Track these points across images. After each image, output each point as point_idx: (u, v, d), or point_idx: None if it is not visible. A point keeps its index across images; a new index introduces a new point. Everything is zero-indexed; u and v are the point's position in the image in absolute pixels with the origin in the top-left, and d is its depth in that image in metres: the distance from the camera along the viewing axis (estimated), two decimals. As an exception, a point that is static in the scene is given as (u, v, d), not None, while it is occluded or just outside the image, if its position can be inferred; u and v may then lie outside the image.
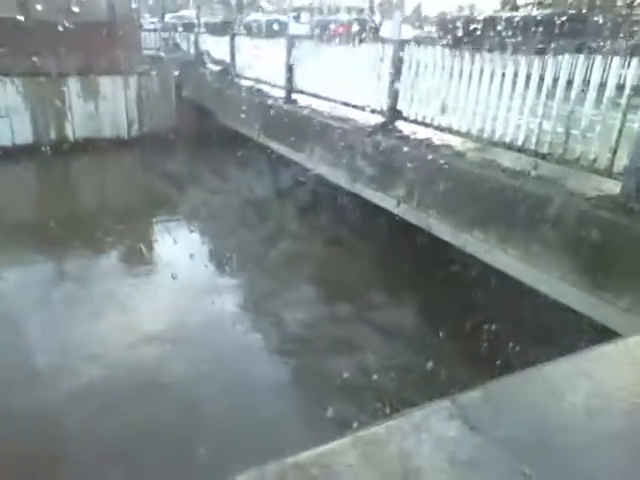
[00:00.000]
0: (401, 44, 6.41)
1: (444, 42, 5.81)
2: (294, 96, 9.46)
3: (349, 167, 7.26)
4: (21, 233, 9.12)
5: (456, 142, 5.82)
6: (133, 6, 14.10)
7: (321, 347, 6.04)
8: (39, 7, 12.83)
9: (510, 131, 5.12)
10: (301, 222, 9.36)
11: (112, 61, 13.36)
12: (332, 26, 8.98)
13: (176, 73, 14.44)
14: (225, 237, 9.51)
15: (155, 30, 17.97)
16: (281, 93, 9.88)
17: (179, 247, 9.14)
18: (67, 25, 12.73)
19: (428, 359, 4.81)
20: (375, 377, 4.95)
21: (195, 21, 18.33)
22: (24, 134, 12.92)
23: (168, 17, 27.67)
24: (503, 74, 5.14)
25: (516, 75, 5.04)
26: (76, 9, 13.04)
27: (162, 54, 15.29)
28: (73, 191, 12.44)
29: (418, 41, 6.54)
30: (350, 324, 6.44)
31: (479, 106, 5.44)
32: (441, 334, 5.35)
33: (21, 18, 12.66)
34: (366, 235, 8.00)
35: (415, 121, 6.42)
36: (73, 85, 13.17)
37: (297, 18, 10.20)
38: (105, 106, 13.75)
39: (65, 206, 10.83)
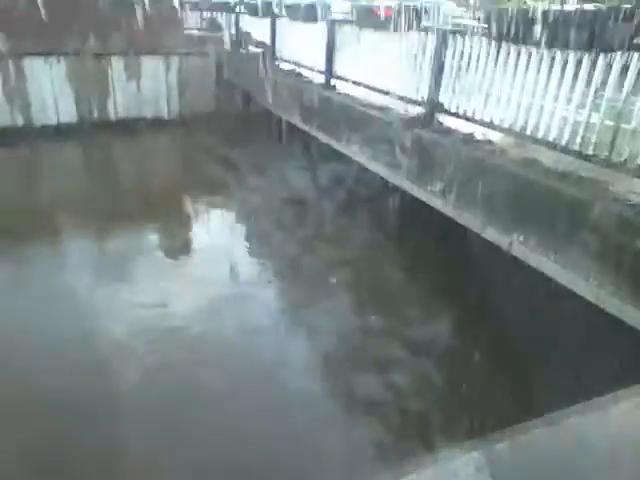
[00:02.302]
0: (444, 34, 6.25)
1: (491, 33, 5.58)
2: (333, 82, 9.39)
3: (386, 157, 7.21)
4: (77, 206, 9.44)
5: (498, 138, 5.69)
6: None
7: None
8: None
9: (555, 129, 4.97)
10: (335, 209, 9.37)
11: (155, 41, 13.48)
12: (374, 9, 8.80)
13: (217, 54, 14.47)
14: (261, 218, 9.61)
15: (197, 8, 17.99)
16: (320, 78, 9.81)
17: (215, 228, 9.36)
18: (112, 5, 12.95)
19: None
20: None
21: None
22: (68, 113, 13.24)
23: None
24: (549, 69, 4.98)
25: (563, 70, 4.88)
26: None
27: (203, 34, 15.30)
28: (116, 168, 12.68)
29: (462, 31, 6.32)
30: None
31: (523, 102, 5.29)
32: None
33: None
34: (399, 227, 7.95)
35: (456, 114, 6.30)
36: (116, 65, 13.37)
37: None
38: (146, 86, 13.93)
39: (111, 182, 11.15)
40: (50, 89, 12.93)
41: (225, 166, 11.72)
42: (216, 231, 9.37)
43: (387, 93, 7.69)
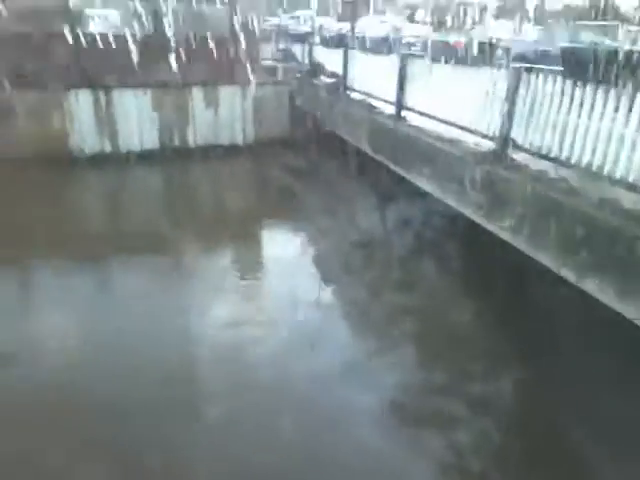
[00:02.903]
0: (518, 71, 6.22)
1: (568, 72, 5.52)
2: (403, 113, 9.49)
3: (455, 190, 7.20)
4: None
5: (572, 176, 5.57)
6: (255, 22, 14.80)
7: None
8: (170, 23, 13.99)
9: (636, 170, 4.82)
10: (403, 241, 9.36)
11: (232, 72, 14.17)
12: (452, 43, 8.98)
13: (291, 83, 14.98)
14: (331, 240, 9.76)
15: (272, 38, 18.74)
16: (390, 109, 9.95)
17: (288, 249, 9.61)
18: (194, 39, 13.77)
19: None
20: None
21: (309, 29, 18.86)
22: (151, 140, 14.11)
23: (285, 18, 28.64)
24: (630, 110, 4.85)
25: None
26: (202, 24, 14.04)
27: (278, 65, 15.90)
28: (195, 191, 13.30)
29: (536, 69, 6.27)
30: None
31: (600, 142, 5.17)
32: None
33: (153, 33, 13.84)
34: (470, 264, 7.80)
35: (528, 150, 6.22)
36: (196, 95, 14.13)
37: (411, 44, 10.19)
38: (223, 114, 14.61)
39: (192, 203, 11.78)
40: (136, 118, 13.84)
41: (296, 189, 12.08)
42: (282, 263, 9.31)
43: (458, 126, 7.71)
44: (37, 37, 12.48)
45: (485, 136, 7.04)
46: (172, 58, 13.50)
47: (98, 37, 13.36)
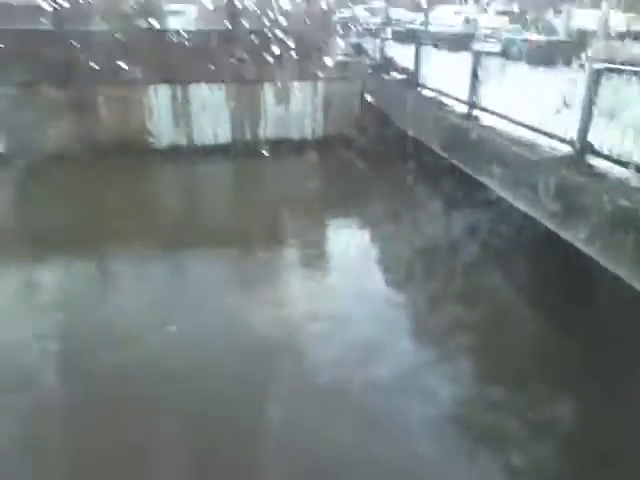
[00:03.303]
0: (598, 73, 5.96)
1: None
2: (476, 112, 9.31)
3: (528, 194, 7.01)
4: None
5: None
6: (328, 16, 14.89)
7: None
8: (245, 18, 14.33)
9: None
10: (472, 239, 9.17)
11: (305, 68, 14.33)
12: (520, 43, 8.64)
13: (360, 79, 14.98)
14: (391, 250, 9.72)
15: (344, 32, 18.74)
16: (463, 108, 9.78)
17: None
18: (270, 34, 14.04)
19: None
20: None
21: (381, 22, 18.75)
22: (225, 134, 14.55)
23: (359, 10, 28.58)
24: None
25: None
26: (280, 19, 14.29)
27: (349, 59, 15.91)
28: (264, 183, 13.60)
29: (619, 70, 5.97)
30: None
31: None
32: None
33: (229, 29, 14.21)
34: (541, 274, 7.50)
35: (608, 157, 5.97)
36: (268, 90, 14.42)
37: (487, 36, 9.86)
38: (294, 109, 14.81)
39: (261, 194, 12.14)
40: (210, 112, 14.31)
41: (361, 187, 12.13)
42: (345, 268, 9.19)
43: (533, 129, 7.49)
44: (118, 34, 13.13)
45: (562, 140, 6.81)
46: (246, 54, 13.83)
47: (176, 33, 13.90)
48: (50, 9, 13.16)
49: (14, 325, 6.88)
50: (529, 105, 7.56)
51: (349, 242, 10.20)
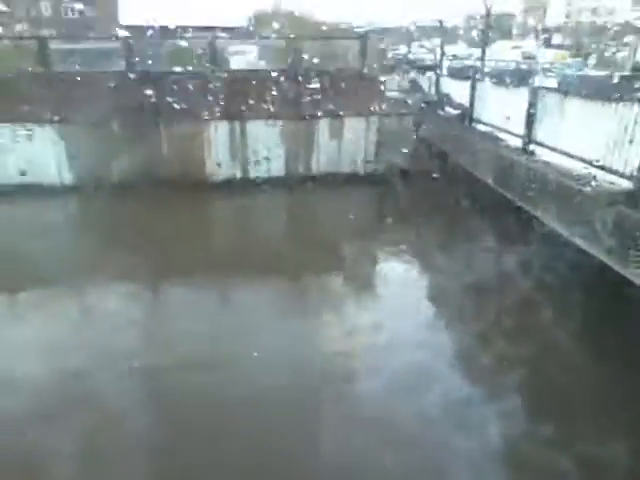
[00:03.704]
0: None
1: None
2: (532, 147, 9.14)
3: (585, 230, 6.77)
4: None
5: None
6: (383, 54, 15.17)
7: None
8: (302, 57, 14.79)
9: None
10: (526, 276, 8.88)
11: (358, 104, 14.57)
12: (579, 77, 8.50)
13: (414, 114, 15.07)
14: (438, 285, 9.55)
15: (399, 68, 19.02)
16: (517, 142, 9.64)
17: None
18: (324, 73, 14.42)
19: None
20: None
21: (434, 60, 18.86)
22: (279, 168, 14.91)
23: (415, 45, 28.93)
24: None
25: None
26: (334, 58, 14.69)
27: (404, 95, 16.08)
28: (313, 216, 13.81)
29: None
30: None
31: None
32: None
33: (287, 68, 14.66)
34: (597, 311, 7.18)
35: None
36: (323, 126, 14.72)
37: (545, 70, 9.73)
38: (347, 144, 15.02)
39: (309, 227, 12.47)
40: (265, 147, 14.73)
41: (413, 221, 12.10)
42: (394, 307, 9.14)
43: (590, 163, 7.27)
44: (184, 74, 13.86)
45: (622, 175, 6.57)
46: (303, 91, 14.23)
47: (237, 73, 14.53)
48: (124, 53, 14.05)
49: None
50: (587, 139, 7.37)
51: (393, 280, 10.14)
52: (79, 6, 41.27)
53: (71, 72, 13.53)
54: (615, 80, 8.00)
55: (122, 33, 14.50)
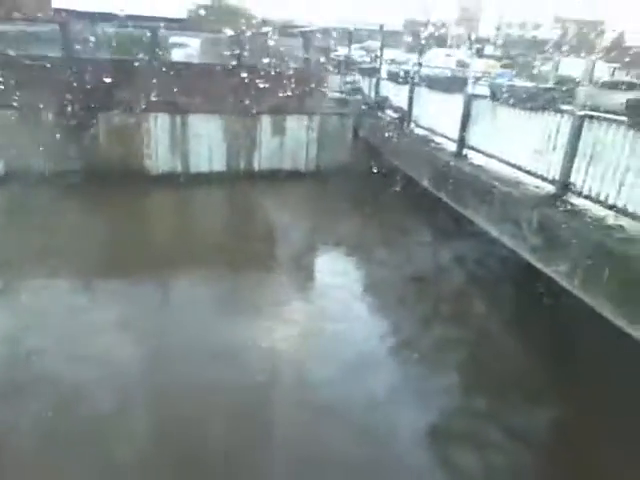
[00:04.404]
0: (581, 119, 6.35)
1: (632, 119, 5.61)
2: (465, 151, 9.70)
3: (512, 230, 7.31)
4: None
5: (630, 226, 5.62)
6: (324, 54, 15.46)
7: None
8: (244, 53, 14.82)
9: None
10: (456, 271, 9.45)
11: (300, 102, 14.79)
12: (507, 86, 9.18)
13: (354, 115, 15.46)
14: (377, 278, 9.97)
15: (340, 70, 19.40)
16: (452, 146, 10.18)
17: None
18: (267, 70, 14.51)
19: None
20: None
21: (375, 61, 19.36)
22: (220, 163, 14.85)
23: (354, 47, 29.43)
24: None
25: None
26: (276, 56, 14.81)
27: (345, 96, 16.43)
28: (255, 209, 13.92)
29: (600, 117, 6.34)
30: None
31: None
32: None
33: (229, 63, 14.65)
34: (523, 308, 7.81)
35: (588, 196, 6.30)
36: (264, 123, 14.82)
37: (477, 79, 10.32)
38: (289, 142, 15.21)
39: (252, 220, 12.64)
40: (206, 142, 14.64)
41: (351, 218, 12.46)
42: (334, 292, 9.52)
43: (518, 168, 7.86)
44: (124, 63, 13.55)
45: (545, 179, 7.17)
46: (245, 87, 14.27)
47: (179, 65, 14.35)
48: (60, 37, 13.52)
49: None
50: (515, 145, 7.96)
51: (335, 269, 10.48)
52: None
53: (1, 54, 12.89)
54: (540, 91, 8.62)
55: (59, 16, 13.95)
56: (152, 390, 6.29)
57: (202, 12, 25.53)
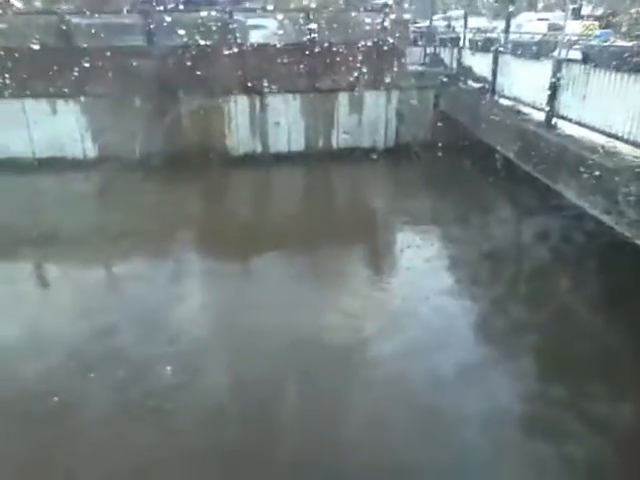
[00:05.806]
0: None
1: None
2: (554, 121, 9.00)
3: (605, 203, 6.72)
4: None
5: None
6: (403, 26, 14.94)
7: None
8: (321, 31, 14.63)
9: None
10: (545, 246, 8.91)
11: (379, 77, 14.44)
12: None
13: (435, 87, 14.88)
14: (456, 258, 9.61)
15: (421, 41, 18.73)
16: (540, 116, 9.49)
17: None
18: (343, 46, 14.27)
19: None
20: None
21: (458, 31, 18.47)
22: (298, 142, 14.91)
23: (438, 17, 28.31)
24: None
25: None
26: (352, 30, 14.51)
27: (425, 69, 15.84)
28: (334, 189, 13.96)
29: None
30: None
31: None
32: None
33: (306, 42, 14.52)
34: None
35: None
36: (342, 100, 14.64)
37: (572, 42, 9.46)
38: (367, 118, 14.94)
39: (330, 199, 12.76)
40: (285, 121, 14.72)
41: (433, 194, 12.11)
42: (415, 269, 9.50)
43: (616, 137, 7.17)
44: (203, 48, 13.85)
45: (643, 147, 6.48)
46: (322, 65, 14.13)
47: (256, 47, 14.46)
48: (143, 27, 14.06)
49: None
50: (612, 112, 7.25)
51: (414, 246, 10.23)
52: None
53: (91, 47, 13.60)
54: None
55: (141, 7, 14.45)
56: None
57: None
